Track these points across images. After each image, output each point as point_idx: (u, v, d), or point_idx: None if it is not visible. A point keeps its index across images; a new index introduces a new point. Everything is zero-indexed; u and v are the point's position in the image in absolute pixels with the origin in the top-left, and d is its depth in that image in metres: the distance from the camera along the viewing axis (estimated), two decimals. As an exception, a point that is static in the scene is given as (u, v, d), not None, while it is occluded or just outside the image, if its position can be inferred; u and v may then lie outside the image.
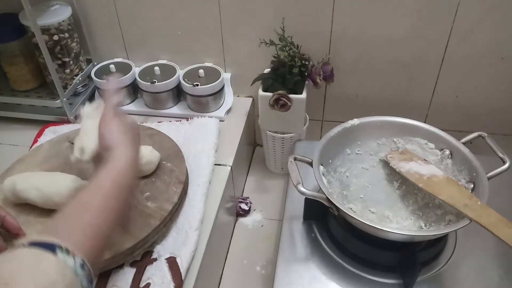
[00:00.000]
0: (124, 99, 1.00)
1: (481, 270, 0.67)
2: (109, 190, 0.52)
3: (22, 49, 0.95)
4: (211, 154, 0.85)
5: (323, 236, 0.72)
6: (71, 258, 0.41)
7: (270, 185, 1.02)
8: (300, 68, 0.84)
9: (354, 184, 0.75)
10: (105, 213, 0.50)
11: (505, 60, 0.87)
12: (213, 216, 0.76)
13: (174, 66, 0.99)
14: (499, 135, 0.95)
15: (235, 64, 1.00)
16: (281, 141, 0.95)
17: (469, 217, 0.58)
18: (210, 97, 0.95)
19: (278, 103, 0.84)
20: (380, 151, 0.77)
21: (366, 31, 0.88)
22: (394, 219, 0.70)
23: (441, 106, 0.96)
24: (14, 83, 1.00)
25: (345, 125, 0.75)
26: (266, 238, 0.90)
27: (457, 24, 0.83)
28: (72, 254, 0.42)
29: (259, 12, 0.90)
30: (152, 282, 0.62)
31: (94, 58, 1.04)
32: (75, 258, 0.42)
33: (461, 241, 0.70)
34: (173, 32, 0.97)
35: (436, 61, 0.89)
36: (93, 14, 0.98)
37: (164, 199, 0.70)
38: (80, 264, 0.42)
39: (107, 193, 0.51)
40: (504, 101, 0.93)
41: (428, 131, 0.74)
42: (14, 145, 0.94)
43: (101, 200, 0.50)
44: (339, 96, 0.99)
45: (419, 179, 0.68)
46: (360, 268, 0.67)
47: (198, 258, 0.68)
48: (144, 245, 0.66)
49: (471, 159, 0.68)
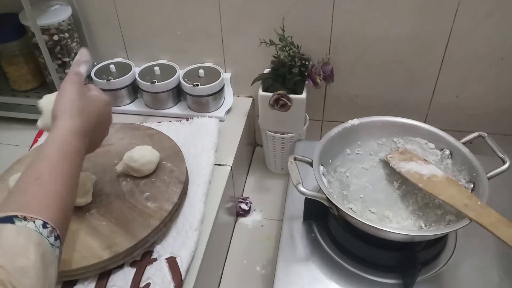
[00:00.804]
0: (124, 99, 1.00)
1: (481, 270, 0.67)
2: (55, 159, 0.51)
3: (22, 49, 0.95)
4: (211, 154, 0.85)
5: (323, 236, 0.72)
6: (30, 222, 0.44)
7: (270, 185, 1.02)
8: (300, 68, 0.84)
9: (354, 184, 0.75)
10: (55, 179, 0.50)
11: (505, 60, 0.87)
12: (213, 216, 0.76)
13: (174, 66, 0.99)
14: (499, 135, 0.95)
15: (235, 64, 1.00)
16: (281, 141, 0.95)
17: (469, 217, 0.58)
18: (210, 97, 0.95)
19: (278, 103, 0.84)
20: (380, 151, 0.77)
21: (366, 31, 0.88)
22: (394, 219, 0.70)
23: (441, 106, 0.96)
24: (14, 83, 1.00)
25: (345, 125, 0.75)
26: (266, 238, 0.90)
27: (457, 24, 0.83)
28: (31, 219, 0.44)
29: (259, 12, 0.90)
30: (152, 282, 0.62)
31: (94, 58, 1.04)
32: (35, 222, 0.44)
33: (461, 241, 0.70)
34: (173, 32, 0.97)
35: (436, 61, 0.89)
36: (93, 14, 0.98)
37: (164, 199, 0.70)
38: (42, 224, 0.45)
39: (53, 162, 0.51)
40: (504, 101, 0.93)
41: (428, 131, 0.74)
42: (14, 145, 0.94)
43: (49, 169, 0.51)
44: (339, 96, 0.99)
45: (419, 179, 0.68)
46: (360, 268, 0.67)
47: (198, 258, 0.68)
48: (144, 245, 0.66)
49: (471, 159, 0.68)
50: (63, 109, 0.55)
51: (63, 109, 0.55)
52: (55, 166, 0.51)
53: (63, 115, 0.55)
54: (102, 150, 0.80)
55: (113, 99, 0.99)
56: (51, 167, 0.51)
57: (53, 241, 0.45)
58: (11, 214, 0.44)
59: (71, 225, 0.65)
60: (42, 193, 0.49)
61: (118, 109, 1.00)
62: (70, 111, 0.55)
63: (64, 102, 0.56)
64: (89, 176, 0.72)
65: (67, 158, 0.53)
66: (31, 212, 0.45)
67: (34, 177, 0.49)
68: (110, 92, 0.97)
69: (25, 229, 0.43)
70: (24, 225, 0.44)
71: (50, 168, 0.51)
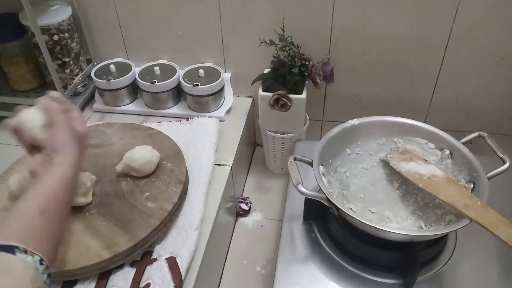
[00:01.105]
0: (124, 99, 1.00)
1: (481, 270, 0.67)
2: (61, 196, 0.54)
3: (22, 49, 0.95)
4: (211, 154, 0.85)
5: (323, 236, 0.72)
6: (30, 257, 0.45)
7: (270, 185, 1.02)
8: (300, 68, 0.84)
9: (354, 184, 0.75)
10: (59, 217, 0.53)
11: (505, 60, 0.87)
12: (213, 216, 0.76)
13: (174, 66, 0.99)
14: (499, 135, 0.95)
15: (235, 64, 1.00)
16: (281, 141, 0.95)
17: (469, 217, 0.58)
18: (210, 97, 0.95)
19: (278, 103, 0.84)
20: (380, 151, 0.77)
21: (366, 31, 0.88)
22: (394, 219, 0.70)
23: (441, 106, 0.96)
24: (14, 83, 1.00)
25: (345, 125, 0.75)
26: (266, 238, 0.90)
27: (457, 24, 0.83)
28: (31, 253, 0.46)
29: (259, 12, 0.90)
30: (152, 282, 0.62)
31: (94, 58, 1.04)
32: (34, 256, 0.46)
33: (461, 241, 0.70)
34: (173, 32, 0.97)
35: (436, 61, 0.89)
36: (93, 14, 0.98)
37: (164, 199, 0.70)
38: (39, 260, 0.46)
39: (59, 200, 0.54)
40: (504, 101, 0.93)
41: (428, 131, 0.74)
42: (14, 145, 0.94)
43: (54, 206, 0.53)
44: (339, 96, 0.99)
45: (419, 179, 0.68)
46: (360, 268, 0.67)
47: (198, 258, 0.68)
48: (144, 245, 0.66)
49: (471, 159, 0.68)
50: (62, 144, 0.58)
51: (63, 145, 0.58)
52: (59, 207, 0.54)
53: (64, 150, 0.57)
54: (102, 150, 0.80)
55: (113, 99, 0.99)
56: (56, 205, 0.53)
57: (46, 278, 0.47)
58: (13, 244, 0.45)
59: (71, 225, 0.65)
60: (46, 229, 0.50)
61: (118, 109, 1.00)
62: (68, 147, 0.58)
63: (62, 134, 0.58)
64: (89, 176, 0.72)
65: (68, 191, 0.56)
66: (32, 247, 0.46)
67: (39, 211, 0.51)
68: (110, 92, 0.98)
69: (24, 263, 0.44)
70: (24, 258, 0.45)
71: (56, 205, 0.53)
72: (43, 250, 0.47)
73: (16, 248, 0.44)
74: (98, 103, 1.01)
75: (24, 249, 0.45)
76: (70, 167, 0.57)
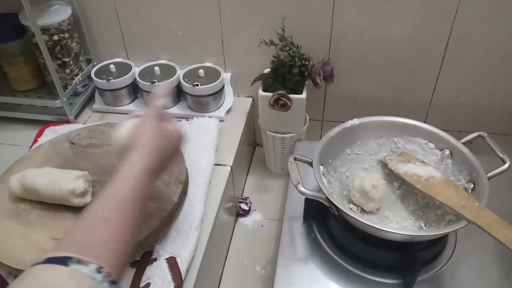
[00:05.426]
0: (124, 99, 1.00)
1: (481, 270, 0.67)
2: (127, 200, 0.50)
3: (22, 49, 0.95)
4: (211, 154, 0.85)
5: (323, 236, 0.72)
6: (83, 266, 0.41)
7: (270, 185, 1.02)
8: (300, 68, 0.84)
9: (354, 184, 0.75)
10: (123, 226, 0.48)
11: (505, 60, 0.87)
12: (213, 216, 0.76)
13: (174, 66, 0.99)
14: (499, 135, 0.95)
15: (235, 64, 1.00)
16: (281, 141, 0.95)
17: (466, 218, 0.58)
18: (210, 97, 0.95)
19: (278, 103, 0.84)
20: (380, 151, 0.77)
21: (366, 31, 0.88)
22: (394, 219, 0.70)
23: (441, 106, 0.96)
24: (14, 83, 1.00)
25: (345, 125, 0.75)
26: (266, 238, 0.90)
27: (457, 24, 0.83)
28: (86, 263, 0.42)
29: (259, 12, 0.90)
30: (152, 282, 0.62)
31: (94, 58, 1.04)
32: (89, 266, 0.42)
33: (461, 241, 0.70)
34: (173, 32, 0.97)
35: (436, 61, 0.89)
36: (93, 14, 0.98)
37: (164, 199, 0.70)
38: (96, 269, 0.42)
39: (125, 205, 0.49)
40: (504, 101, 0.93)
41: (428, 131, 0.74)
42: (14, 145, 0.94)
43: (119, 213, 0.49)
44: (339, 96, 0.99)
45: (417, 180, 0.68)
46: (360, 268, 0.67)
47: (198, 258, 0.68)
48: (144, 245, 0.66)
49: (471, 159, 0.68)
50: (143, 142, 0.55)
51: (144, 143, 0.54)
52: (126, 210, 0.49)
53: (143, 149, 0.54)
54: (102, 150, 0.80)
55: (113, 99, 0.99)
56: (122, 211, 0.49)
57: (107, 286, 0.42)
58: (65, 255, 0.42)
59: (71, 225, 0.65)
60: (107, 237, 0.46)
61: (118, 109, 1.00)
62: (150, 147, 0.54)
63: (145, 135, 0.55)
64: (89, 177, 0.72)
65: (138, 201, 0.51)
66: (90, 255, 0.42)
67: (102, 218, 0.47)
68: (110, 92, 0.97)
69: (77, 274, 0.41)
70: (77, 269, 0.41)
71: (121, 212, 0.48)
72: (104, 258, 0.43)
73: (68, 259, 0.41)
74: (98, 103, 1.01)
75: (78, 259, 0.41)
76: (143, 165, 0.52)
